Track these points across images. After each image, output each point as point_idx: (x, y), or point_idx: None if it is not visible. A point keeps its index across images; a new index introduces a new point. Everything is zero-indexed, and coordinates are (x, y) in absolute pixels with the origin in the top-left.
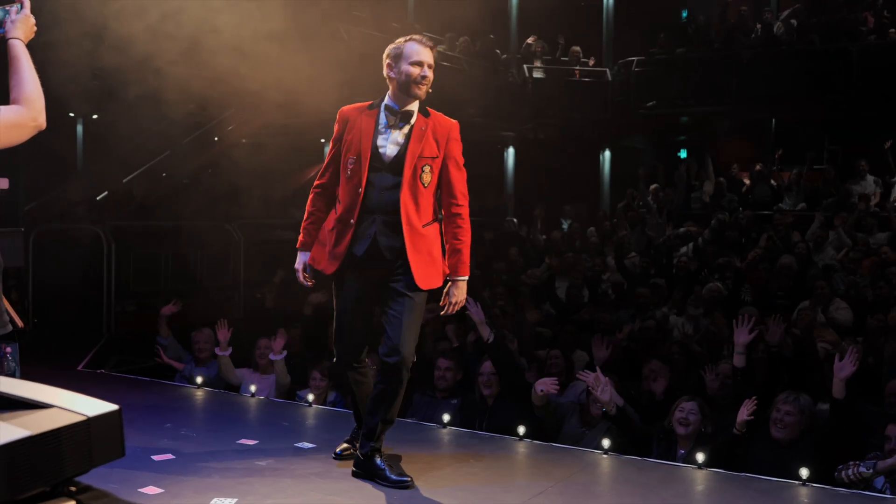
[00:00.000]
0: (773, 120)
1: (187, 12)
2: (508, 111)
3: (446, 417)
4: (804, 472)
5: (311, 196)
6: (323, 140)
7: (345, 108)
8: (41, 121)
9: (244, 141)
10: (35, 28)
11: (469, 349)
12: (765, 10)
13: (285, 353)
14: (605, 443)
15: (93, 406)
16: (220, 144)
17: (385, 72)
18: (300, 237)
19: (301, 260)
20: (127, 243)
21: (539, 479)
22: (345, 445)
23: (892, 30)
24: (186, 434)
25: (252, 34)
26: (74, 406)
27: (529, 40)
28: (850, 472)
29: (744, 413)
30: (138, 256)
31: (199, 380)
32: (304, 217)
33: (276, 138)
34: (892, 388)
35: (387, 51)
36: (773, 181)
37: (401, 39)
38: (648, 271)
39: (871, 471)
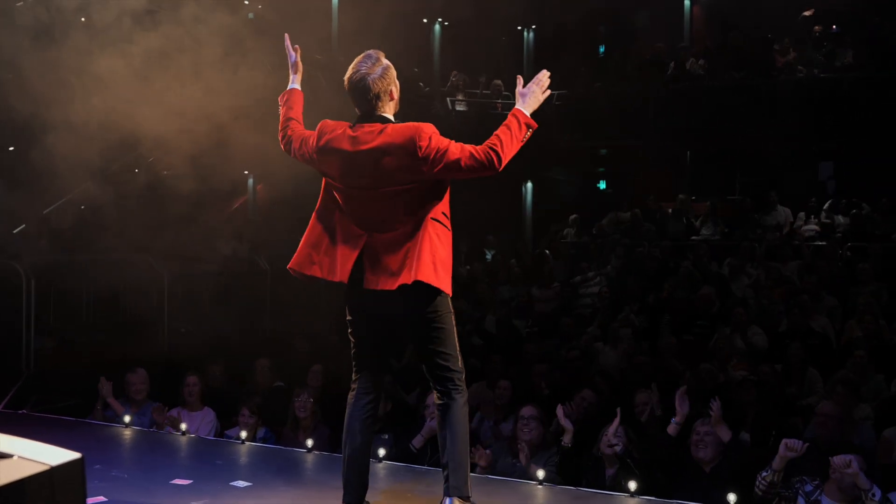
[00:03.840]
0: (689, 152)
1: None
2: None
3: (382, 452)
4: (732, 498)
5: None
6: (246, 172)
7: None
8: None
9: (165, 173)
10: None
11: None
12: (679, 45)
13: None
14: (540, 474)
15: (55, 455)
16: (142, 175)
17: (395, 92)
18: None
19: None
20: (45, 278)
21: None
22: None
23: (800, 67)
24: (118, 475)
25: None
26: (36, 455)
27: (452, 76)
28: (761, 484)
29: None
30: (58, 291)
31: (126, 419)
32: None
33: (200, 170)
34: (823, 409)
35: (393, 71)
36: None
37: (386, 61)
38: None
39: (770, 476)
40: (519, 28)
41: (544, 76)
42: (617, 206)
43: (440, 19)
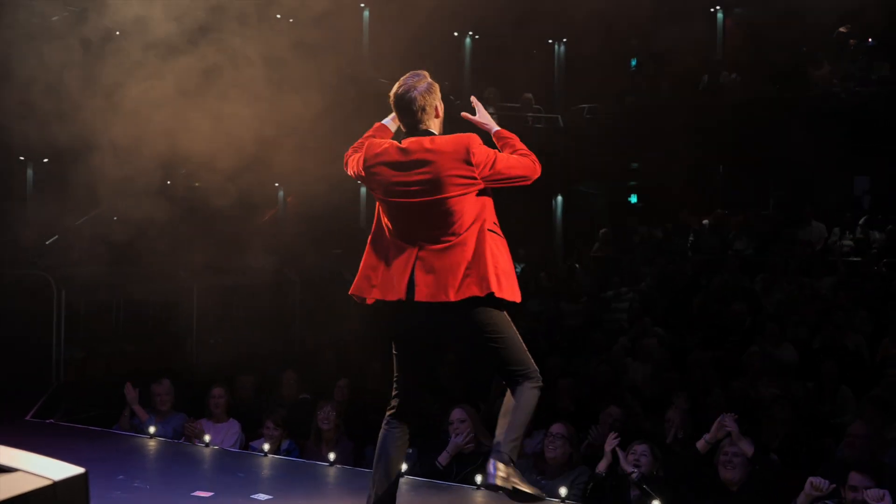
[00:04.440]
0: (721, 166)
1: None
2: None
3: (404, 467)
4: None
5: None
6: (277, 184)
7: None
8: None
9: (197, 184)
10: None
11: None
12: (713, 59)
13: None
14: (563, 491)
15: (58, 469)
16: (172, 189)
17: (440, 109)
18: None
19: None
20: (77, 289)
21: None
22: None
23: (835, 80)
24: (139, 486)
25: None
26: (39, 469)
27: (484, 91)
28: None
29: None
30: (88, 302)
31: (151, 429)
32: None
33: (231, 182)
34: (854, 430)
35: (438, 89)
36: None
37: (431, 79)
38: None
39: None
40: (550, 41)
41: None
42: (648, 221)
43: (471, 32)
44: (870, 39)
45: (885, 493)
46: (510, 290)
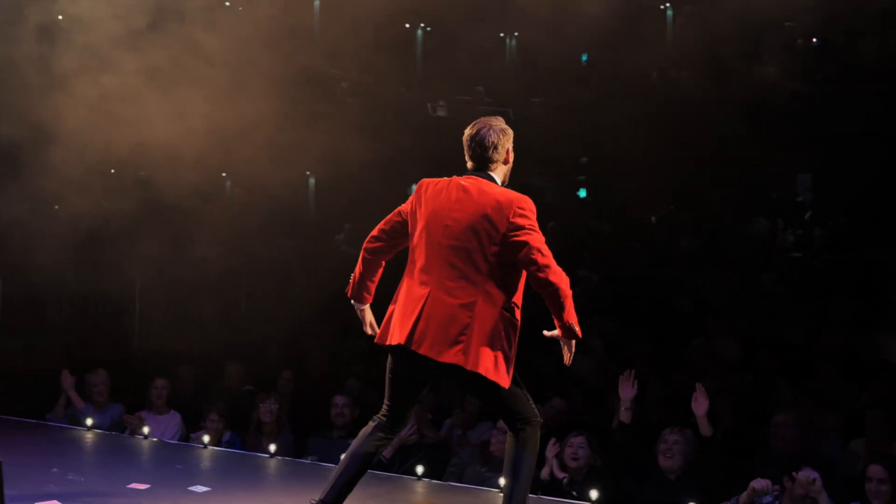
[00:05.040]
0: (669, 163)
1: None
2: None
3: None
4: None
5: None
6: (224, 174)
7: None
8: None
9: (142, 174)
10: None
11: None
12: (663, 56)
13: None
14: (502, 481)
15: None
16: (118, 179)
17: (509, 155)
18: None
19: None
20: (13, 279)
21: None
22: None
23: (781, 79)
24: (74, 479)
25: None
26: None
27: (433, 82)
28: None
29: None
30: (26, 292)
31: (88, 421)
32: None
33: (177, 173)
34: (778, 420)
35: (509, 133)
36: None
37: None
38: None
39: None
40: (502, 35)
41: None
42: (597, 215)
43: (423, 25)
44: (814, 39)
45: (817, 477)
46: (503, 376)
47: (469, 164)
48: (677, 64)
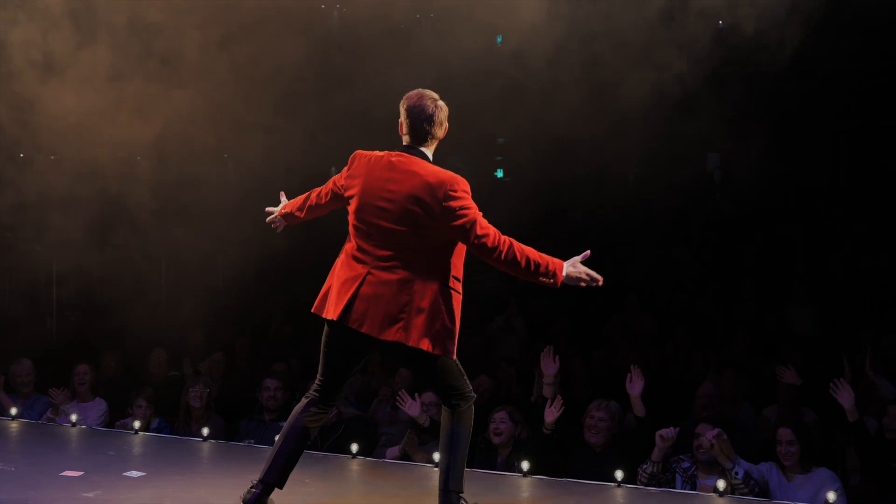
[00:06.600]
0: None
1: None
2: None
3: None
4: (619, 474)
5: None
6: (139, 158)
7: None
8: None
9: (53, 157)
10: None
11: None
12: None
13: None
14: (436, 456)
15: None
16: (29, 163)
17: (442, 133)
18: None
19: None
20: None
21: (372, 493)
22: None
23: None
24: (4, 468)
25: None
26: None
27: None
28: (642, 477)
29: (552, 413)
30: None
31: (13, 411)
32: None
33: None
34: (703, 391)
35: (447, 109)
36: None
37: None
38: None
39: (650, 468)
40: (418, 16)
41: (597, 278)
42: (516, 195)
43: (339, 6)
44: (720, 22)
45: (719, 431)
46: (449, 348)
47: (405, 139)
48: None
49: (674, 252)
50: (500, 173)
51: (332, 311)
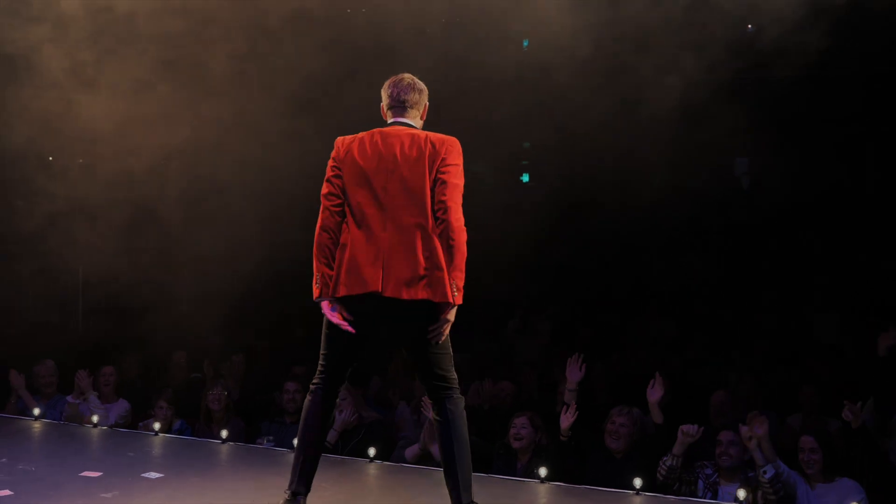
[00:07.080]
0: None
1: None
2: None
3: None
4: (637, 482)
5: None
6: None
7: None
8: None
9: (81, 162)
10: None
11: None
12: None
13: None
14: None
15: None
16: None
17: (423, 112)
18: None
19: None
20: None
21: (387, 499)
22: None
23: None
24: (24, 468)
25: None
26: None
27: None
28: (661, 469)
29: (567, 420)
30: None
31: (36, 411)
32: None
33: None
34: (716, 398)
35: (426, 91)
36: None
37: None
38: None
39: (670, 461)
40: (444, 21)
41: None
42: (541, 199)
43: (364, 10)
44: (749, 26)
45: (699, 427)
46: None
47: (390, 117)
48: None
49: (692, 258)
50: (525, 177)
51: (363, 286)
